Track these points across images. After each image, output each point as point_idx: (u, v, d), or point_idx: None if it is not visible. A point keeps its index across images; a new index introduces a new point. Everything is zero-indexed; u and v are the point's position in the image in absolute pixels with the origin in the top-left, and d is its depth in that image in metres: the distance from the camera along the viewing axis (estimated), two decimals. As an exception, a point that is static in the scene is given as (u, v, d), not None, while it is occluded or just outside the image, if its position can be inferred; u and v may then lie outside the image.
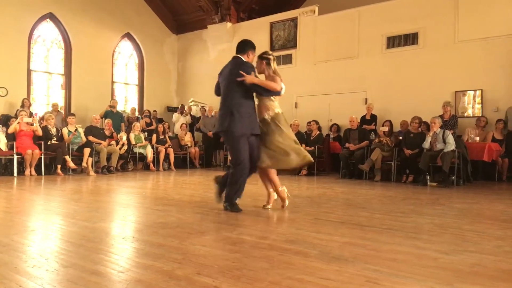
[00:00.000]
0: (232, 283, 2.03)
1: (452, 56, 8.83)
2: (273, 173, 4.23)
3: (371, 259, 2.46)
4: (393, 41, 9.65)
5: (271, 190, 4.35)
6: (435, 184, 6.90)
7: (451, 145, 6.87)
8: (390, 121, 8.48)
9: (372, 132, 8.68)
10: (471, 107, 8.75)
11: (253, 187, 5.93)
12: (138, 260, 2.40)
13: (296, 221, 3.71)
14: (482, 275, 2.19)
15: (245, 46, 4.29)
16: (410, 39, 9.43)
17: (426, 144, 7.16)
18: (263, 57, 4.37)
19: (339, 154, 8.52)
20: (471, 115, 8.64)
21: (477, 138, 7.71)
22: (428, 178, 6.99)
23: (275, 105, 4.29)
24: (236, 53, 4.28)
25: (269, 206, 4.31)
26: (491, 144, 7.39)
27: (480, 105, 8.60)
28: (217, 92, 4.45)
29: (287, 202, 4.30)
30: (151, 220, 3.69)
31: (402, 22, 9.45)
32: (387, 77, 9.62)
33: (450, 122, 7.90)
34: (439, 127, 7.16)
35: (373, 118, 9.15)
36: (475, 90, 8.64)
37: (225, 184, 4.14)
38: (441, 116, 7.81)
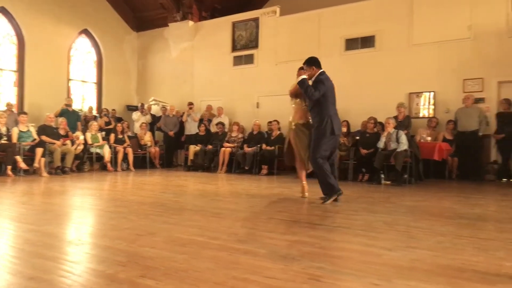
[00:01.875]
0: (176, 285, 2.02)
1: (407, 59, 9.15)
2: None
3: (317, 257, 2.52)
4: (352, 44, 9.89)
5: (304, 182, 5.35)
6: (389, 182, 7.14)
7: (404, 144, 7.13)
8: (347, 121, 8.67)
9: (331, 132, 8.83)
10: (426, 108, 9.08)
11: (211, 187, 5.92)
12: (82, 264, 2.34)
13: (250, 220, 3.73)
14: (419, 270, 2.29)
15: None
16: (367, 41, 9.69)
17: (381, 144, 7.39)
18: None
19: (299, 153, 8.62)
20: (424, 116, 8.98)
21: (429, 138, 8.04)
22: (383, 176, 7.22)
23: None
24: (319, 67, 4.95)
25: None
26: (441, 144, 7.72)
27: (433, 106, 8.96)
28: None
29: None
30: (102, 222, 3.61)
31: (360, 25, 9.70)
32: (345, 78, 9.80)
33: (404, 122, 8.18)
34: (393, 128, 7.41)
35: (332, 118, 9.32)
36: (428, 92, 8.99)
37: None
38: (396, 117, 8.08)
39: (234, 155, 9.42)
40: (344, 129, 8.37)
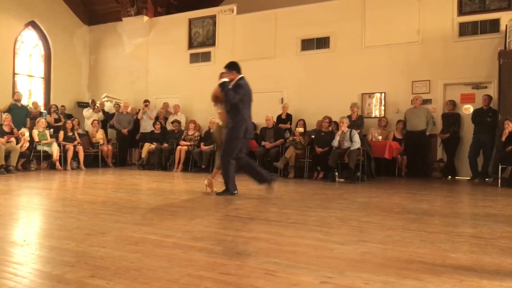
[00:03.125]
0: (128, 284, 1.95)
1: (359, 60, 9.43)
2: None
3: (272, 253, 2.53)
4: (307, 44, 10.06)
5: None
6: (342, 180, 7.34)
7: (357, 143, 7.35)
8: (303, 120, 8.81)
9: (287, 131, 8.96)
10: (377, 108, 9.40)
11: (166, 185, 5.81)
12: (27, 265, 2.21)
13: (205, 218, 3.69)
14: (370, 263, 2.36)
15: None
16: (322, 42, 9.90)
17: (335, 143, 7.57)
18: None
19: (255, 152, 8.67)
20: (376, 116, 9.29)
21: (380, 137, 8.33)
22: (337, 174, 7.41)
23: None
24: (239, 72, 5.19)
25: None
26: (391, 142, 8.03)
27: (384, 107, 9.30)
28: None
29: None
30: (48, 222, 3.43)
31: (315, 26, 9.88)
32: (301, 78, 10.00)
33: (357, 122, 8.44)
34: (347, 127, 7.62)
35: (288, 117, 9.46)
36: (380, 93, 9.31)
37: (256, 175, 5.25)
38: (349, 116, 8.31)
39: (190, 153, 9.31)
40: (301, 129, 8.51)
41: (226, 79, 5.07)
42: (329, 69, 9.72)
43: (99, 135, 10.22)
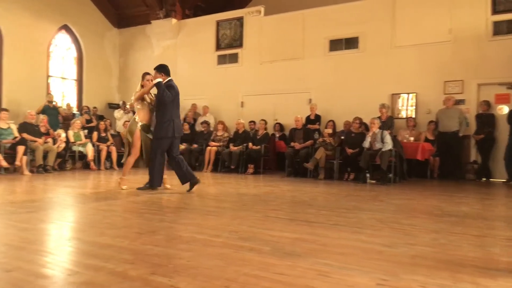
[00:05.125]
0: (189, 281, 2.02)
1: (389, 60, 9.34)
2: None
3: (321, 254, 2.56)
4: (335, 44, 10.02)
5: None
6: (374, 181, 7.28)
7: (388, 144, 7.28)
8: (333, 121, 8.80)
9: (316, 132, 8.96)
10: (408, 109, 9.29)
11: (200, 185, 5.90)
12: (87, 262, 2.30)
13: (246, 218, 3.74)
14: (423, 266, 2.36)
15: None
16: (351, 43, 9.85)
17: (366, 144, 7.53)
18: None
19: (285, 153, 8.70)
20: (407, 116, 9.16)
21: (412, 138, 8.24)
22: (368, 175, 7.36)
23: None
24: (168, 75, 5.52)
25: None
26: (424, 144, 7.92)
27: (414, 107, 9.18)
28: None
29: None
30: (96, 220, 3.55)
31: (344, 27, 9.84)
32: (329, 79, 9.97)
33: (387, 123, 8.35)
34: (378, 128, 7.56)
35: (317, 118, 9.45)
36: (408, 93, 9.20)
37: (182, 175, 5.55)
38: (379, 117, 8.24)
39: (220, 154, 9.41)
40: (330, 130, 8.49)
41: (160, 79, 5.40)
42: (358, 70, 9.66)
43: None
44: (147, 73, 5.67)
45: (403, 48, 9.24)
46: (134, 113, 11.30)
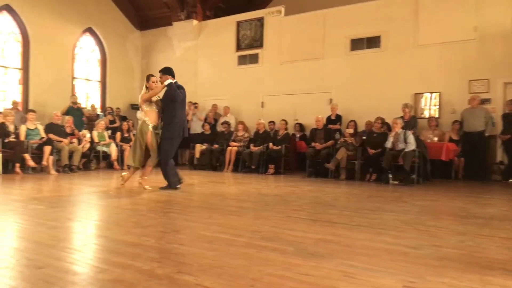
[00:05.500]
0: (214, 280, 2.04)
1: (412, 59, 9.20)
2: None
3: (345, 255, 2.55)
4: (357, 44, 9.93)
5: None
6: (396, 182, 7.18)
7: (411, 145, 7.17)
8: (354, 121, 8.72)
9: (337, 132, 8.89)
10: (431, 108, 9.12)
11: (221, 185, 5.95)
12: (115, 260, 2.36)
13: (268, 219, 3.75)
14: (450, 268, 2.32)
15: None
16: (373, 42, 9.74)
17: (388, 144, 7.43)
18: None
19: (306, 153, 8.67)
20: (430, 116, 9.00)
21: (436, 139, 8.09)
22: (390, 176, 7.26)
23: None
24: (173, 77, 5.64)
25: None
26: (448, 144, 7.77)
27: (437, 107, 9.01)
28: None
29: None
30: (122, 219, 3.62)
31: (365, 26, 9.74)
32: (351, 79, 9.89)
33: (410, 122, 8.22)
34: (401, 128, 7.45)
35: (338, 118, 9.38)
36: (431, 93, 9.04)
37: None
38: (401, 117, 8.12)
39: (240, 154, 9.45)
40: (351, 130, 8.42)
41: (171, 80, 5.55)
42: (380, 69, 9.55)
43: (152, 136, 10.56)
44: (152, 75, 5.80)
45: (427, 47, 9.08)
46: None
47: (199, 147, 10.06)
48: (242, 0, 12.85)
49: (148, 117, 5.66)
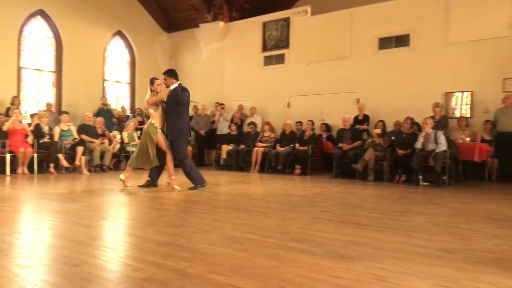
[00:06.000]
0: (245, 281, 2.06)
1: (442, 58, 8.98)
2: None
3: (376, 258, 2.52)
4: (385, 43, 9.77)
5: None
6: (427, 183, 7.02)
7: (442, 145, 7.00)
8: (383, 122, 8.59)
9: (365, 132, 8.78)
10: (462, 107, 8.88)
11: (248, 186, 5.98)
12: (148, 259, 2.41)
13: (296, 220, 3.75)
14: (485, 273, 2.26)
15: None
16: (401, 40, 9.56)
17: (418, 144, 7.28)
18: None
19: (333, 153, 8.60)
20: (462, 116, 8.76)
21: (468, 139, 7.87)
22: (420, 177, 7.11)
23: None
24: (177, 79, 5.88)
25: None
26: (481, 144, 7.54)
27: (468, 106, 8.76)
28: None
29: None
30: (153, 219, 3.69)
31: (394, 24, 9.57)
32: (379, 78, 9.74)
33: (441, 122, 8.02)
34: (431, 128, 7.29)
35: (366, 118, 9.26)
36: (462, 92, 8.79)
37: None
38: (432, 117, 7.93)
39: (266, 154, 9.46)
40: (379, 130, 8.29)
41: (176, 85, 5.75)
42: (409, 68, 9.36)
43: (180, 137, 10.72)
44: (156, 78, 5.93)
45: (458, 45, 8.84)
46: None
47: (225, 148, 10.14)
48: (268, 1, 12.86)
49: (155, 119, 5.78)
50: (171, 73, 5.88)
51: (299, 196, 5.48)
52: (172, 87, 5.73)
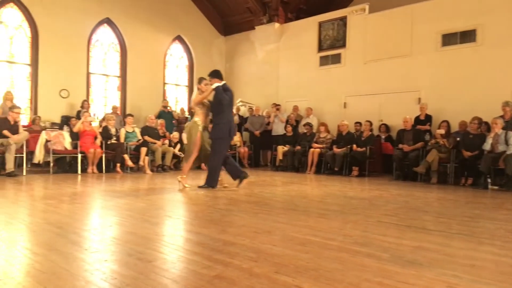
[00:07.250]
0: (312, 283, 2.07)
1: (514, 53, 8.40)
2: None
3: (447, 264, 2.43)
4: (449, 39, 9.31)
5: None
6: (496, 187, 6.62)
7: (514, 147, 6.56)
8: (447, 122, 8.20)
9: (427, 133, 8.43)
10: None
11: (306, 187, 5.96)
12: (216, 257, 2.49)
13: (358, 223, 3.69)
14: None
15: None
16: (467, 36, 9.06)
17: (487, 146, 6.88)
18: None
19: (392, 155, 8.34)
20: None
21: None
22: (489, 181, 6.71)
23: None
24: (222, 79, 6.02)
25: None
26: (559, 146, 6.96)
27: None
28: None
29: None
30: (216, 218, 3.80)
31: (458, 19, 9.10)
32: (442, 76, 9.30)
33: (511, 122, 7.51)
34: (501, 128, 6.86)
35: (428, 118, 8.88)
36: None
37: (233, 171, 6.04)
38: (502, 117, 7.45)
39: (323, 156, 9.37)
40: (442, 131, 7.93)
41: (218, 84, 5.79)
42: (476, 65, 8.85)
43: (236, 138, 10.90)
44: (204, 78, 6.05)
45: (531, 39, 8.23)
46: (239, 116, 11.98)
47: (281, 149, 10.17)
48: (324, 0, 12.74)
49: (199, 117, 5.93)
50: (215, 74, 6.01)
51: (359, 198, 5.38)
52: (213, 86, 5.82)
